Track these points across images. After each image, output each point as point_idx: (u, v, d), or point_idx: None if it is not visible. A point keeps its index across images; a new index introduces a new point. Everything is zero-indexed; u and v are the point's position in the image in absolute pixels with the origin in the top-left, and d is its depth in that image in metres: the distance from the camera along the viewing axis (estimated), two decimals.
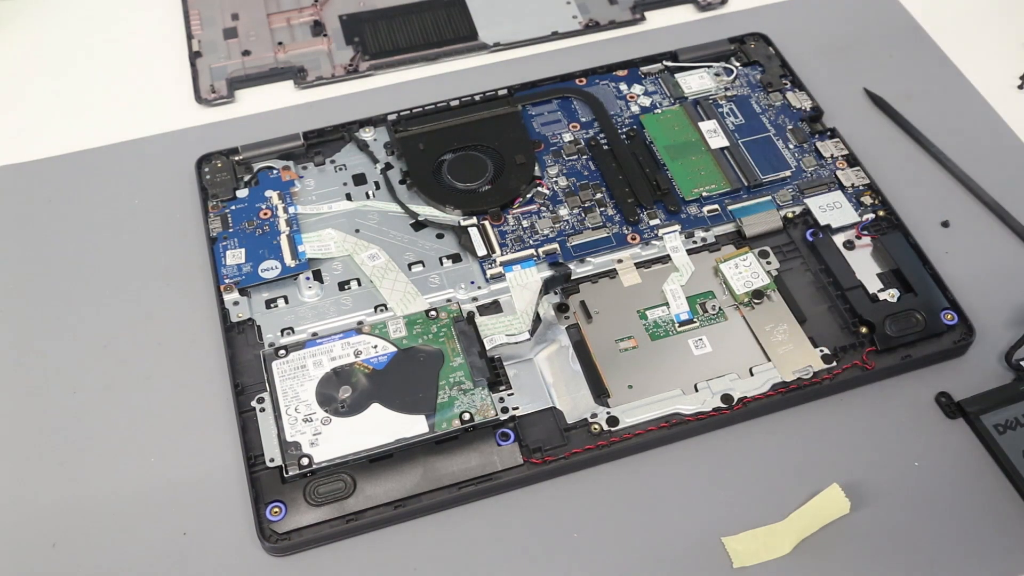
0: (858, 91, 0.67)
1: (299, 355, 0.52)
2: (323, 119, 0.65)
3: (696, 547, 0.47)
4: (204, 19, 0.72)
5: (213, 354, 0.54)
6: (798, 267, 0.57)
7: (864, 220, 0.58)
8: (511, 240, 0.58)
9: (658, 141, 0.62)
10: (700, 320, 0.54)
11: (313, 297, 0.56)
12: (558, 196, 0.60)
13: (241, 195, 0.60)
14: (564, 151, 0.62)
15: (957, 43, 0.69)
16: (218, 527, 0.48)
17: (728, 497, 0.49)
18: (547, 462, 0.49)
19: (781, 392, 0.51)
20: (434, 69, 0.70)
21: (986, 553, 0.47)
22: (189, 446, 0.51)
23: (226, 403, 0.52)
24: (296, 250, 0.57)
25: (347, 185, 0.61)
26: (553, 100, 0.65)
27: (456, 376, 0.51)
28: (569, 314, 0.55)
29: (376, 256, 0.57)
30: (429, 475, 0.49)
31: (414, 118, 0.63)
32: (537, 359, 0.53)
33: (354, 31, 0.71)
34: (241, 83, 0.68)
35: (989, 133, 0.64)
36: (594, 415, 0.51)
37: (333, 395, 0.50)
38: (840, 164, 0.61)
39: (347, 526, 0.47)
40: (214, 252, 0.57)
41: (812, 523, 0.47)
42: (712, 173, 0.60)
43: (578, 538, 0.48)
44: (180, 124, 0.66)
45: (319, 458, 0.48)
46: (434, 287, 0.56)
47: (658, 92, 0.66)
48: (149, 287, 0.57)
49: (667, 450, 0.50)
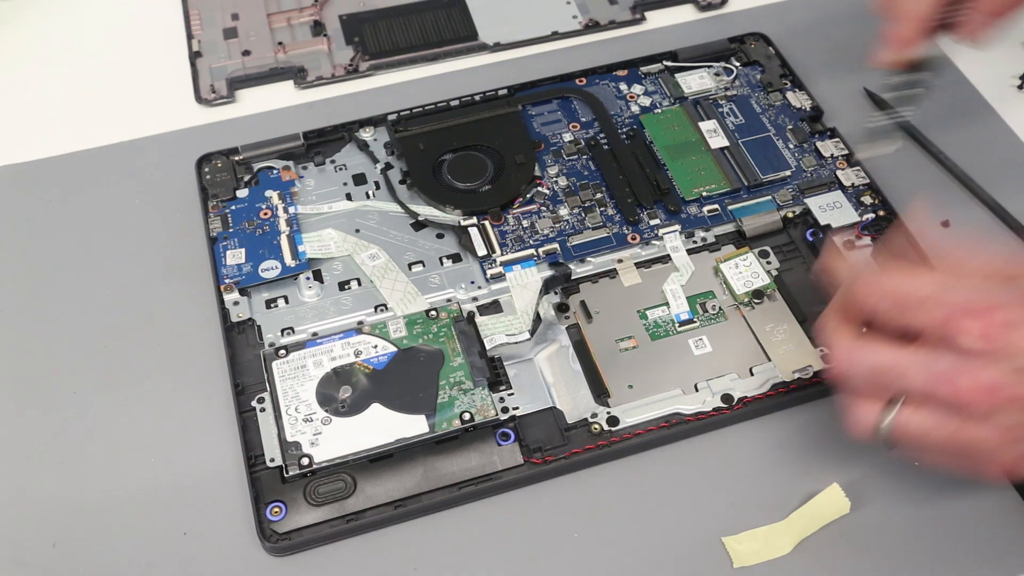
0: (858, 91, 0.67)
1: (299, 355, 0.52)
2: (323, 119, 0.65)
3: (696, 547, 0.47)
4: (204, 19, 0.72)
5: (213, 354, 0.54)
6: (798, 267, 0.57)
7: (864, 220, 0.58)
8: (511, 240, 0.58)
9: (658, 141, 0.62)
10: (700, 320, 0.54)
11: (313, 297, 0.56)
12: (558, 196, 0.60)
13: (241, 195, 0.60)
14: (564, 151, 0.62)
15: (957, 43, 0.69)
16: (218, 527, 0.48)
17: (728, 497, 0.49)
18: (547, 462, 0.49)
19: (781, 392, 0.51)
20: (434, 69, 0.70)
21: (986, 553, 0.47)
22: (189, 446, 0.51)
23: (226, 403, 0.52)
24: (296, 250, 0.57)
25: (347, 185, 0.61)
26: (553, 100, 0.65)
27: (456, 376, 0.51)
28: (569, 314, 0.55)
29: (376, 256, 0.57)
30: (429, 475, 0.49)
31: (414, 118, 0.63)
32: (537, 359, 0.53)
33: (354, 31, 0.71)
34: (241, 83, 0.68)
35: (989, 133, 0.64)
36: (594, 415, 0.51)
37: (333, 395, 0.50)
38: (840, 164, 0.61)
39: (347, 526, 0.47)
40: (214, 252, 0.57)
41: (812, 523, 0.47)
42: (712, 173, 0.60)
43: (578, 538, 0.48)
44: (180, 124, 0.66)
45: (319, 458, 0.48)
46: (434, 287, 0.56)
47: (658, 92, 0.66)
48: (149, 287, 0.57)
49: (667, 450, 0.50)
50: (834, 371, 0.43)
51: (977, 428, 0.39)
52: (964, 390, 0.38)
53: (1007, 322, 0.38)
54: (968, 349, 0.38)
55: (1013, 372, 0.38)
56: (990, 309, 0.38)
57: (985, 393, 0.38)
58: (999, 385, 0.38)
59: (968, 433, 0.39)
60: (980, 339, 0.38)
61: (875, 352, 0.41)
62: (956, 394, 0.39)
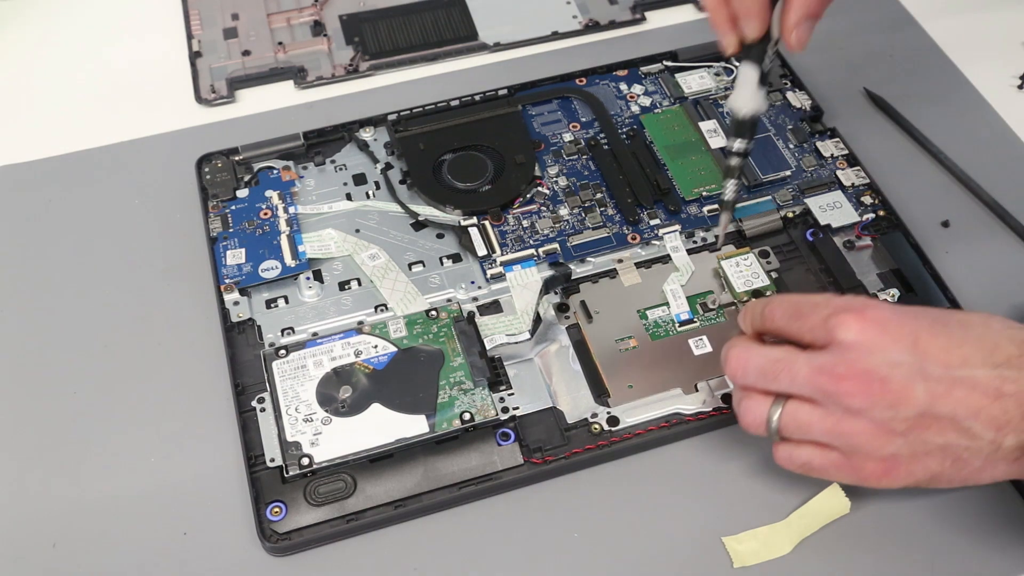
0: (858, 91, 0.67)
1: (299, 355, 0.52)
2: (323, 119, 0.65)
3: (696, 547, 0.47)
4: (204, 19, 0.72)
5: (213, 354, 0.54)
6: (798, 267, 0.57)
7: (864, 220, 0.58)
8: (511, 240, 0.58)
9: (658, 141, 0.62)
10: (700, 320, 0.54)
11: (313, 297, 0.56)
12: (558, 196, 0.60)
13: (241, 195, 0.60)
14: (564, 151, 0.62)
15: (957, 43, 0.69)
16: (218, 527, 0.48)
17: (728, 497, 0.49)
18: (547, 462, 0.49)
19: None
20: (434, 69, 0.70)
21: (986, 553, 0.47)
22: (189, 446, 0.51)
23: (226, 403, 0.52)
24: (296, 250, 0.57)
25: (347, 185, 0.61)
26: (553, 100, 0.65)
27: (456, 376, 0.51)
28: (569, 314, 0.55)
29: (376, 256, 0.57)
30: (429, 475, 0.49)
31: (414, 118, 0.63)
32: (537, 359, 0.53)
33: (354, 31, 0.71)
34: (241, 83, 0.68)
35: (989, 133, 0.64)
36: (594, 415, 0.51)
37: (333, 395, 0.50)
38: (840, 164, 0.61)
39: (347, 526, 0.47)
40: (214, 252, 0.57)
41: (812, 523, 0.47)
42: (712, 173, 0.60)
43: (578, 538, 0.48)
44: (180, 124, 0.66)
45: (319, 458, 0.48)
46: (434, 287, 0.56)
47: (658, 92, 0.66)
48: (149, 287, 0.57)
49: (667, 450, 0.50)
50: (728, 369, 0.46)
51: (854, 421, 0.41)
52: (841, 379, 0.41)
53: (879, 319, 0.41)
54: (844, 341, 0.41)
55: (885, 365, 0.40)
56: (865, 307, 0.41)
57: (859, 382, 0.40)
58: (871, 375, 0.40)
59: (846, 426, 0.42)
60: (855, 331, 0.41)
61: (767, 350, 0.44)
62: (835, 383, 0.41)
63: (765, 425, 0.44)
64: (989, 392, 0.40)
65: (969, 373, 0.40)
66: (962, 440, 0.40)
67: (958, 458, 0.41)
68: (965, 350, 0.40)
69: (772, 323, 0.45)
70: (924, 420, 0.40)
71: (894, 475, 0.42)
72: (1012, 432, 0.40)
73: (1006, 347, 0.40)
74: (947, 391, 0.40)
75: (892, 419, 0.41)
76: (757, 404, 0.44)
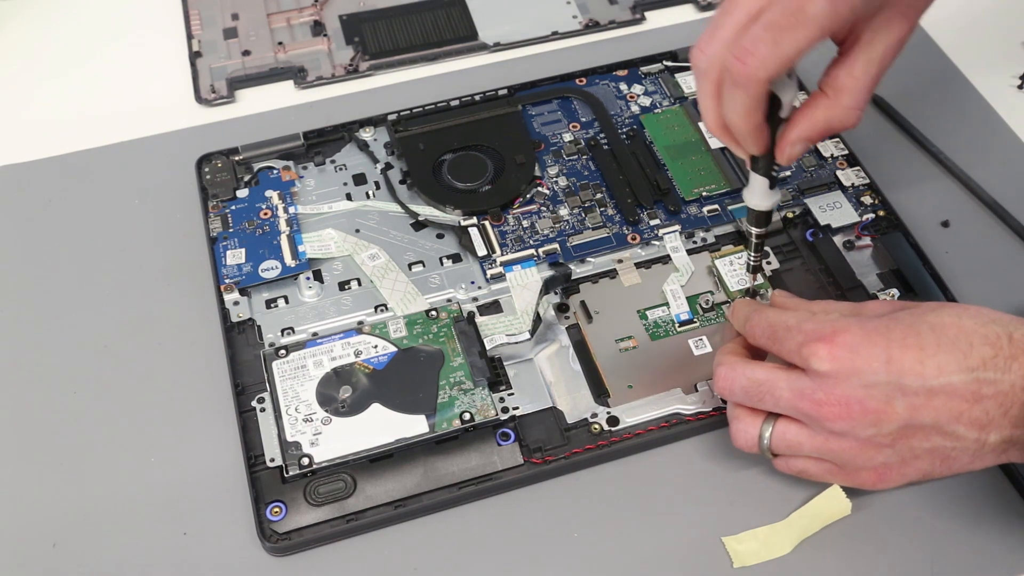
0: None
1: (299, 355, 0.52)
2: (323, 119, 0.65)
3: (696, 547, 0.47)
4: (204, 19, 0.72)
5: (213, 354, 0.54)
6: (798, 267, 0.57)
7: (864, 220, 0.58)
8: (511, 240, 0.58)
9: (658, 141, 0.62)
10: (700, 320, 0.54)
11: (313, 297, 0.56)
12: (558, 196, 0.60)
13: (241, 195, 0.60)
14: (564, 151, 0.62)
15: (957, 43, 0.69)
16: (218, 527, 0.48)
17: (728, 497, 0.49)
18: (547, 462, 0.49)
19: None
20: (434, 69, 0.70)
21: (986, 553, 0.47)
22: (189, 446, 0.51)
23: (226, 403, 0.52)
24: (296, 250, 0.57)
25: (347, 185, 0.61)
26: (553, 100, 0.65)
27: (456, 376, 0.51)
28: (569, 314, 0.55)
29: (376, 256, 0.57)
30: (429, 475, 0.49)
31: (414, 118, 0.63)
32: (537, 359, 0.53)
33: (354, 31, 0.71)
34: (241, 83, 0.68)
35: (989, 133, 0.64)
36: (594, 415, 0.51)
37: (333, 395, 0.50)
38: (840, 164, 0.61)
39: (347, 526, 0.47)
40: (214, 252, 0.57)
41: (812, 523, 0.47)
42: (712, 173, 0.60)
43: (578, 538, 0.48)
44: (180, 124, 0.66)
45: (319, 458, 0.48)
46: (434, 287, 0.56)
47: (658, 92, 0.66)
48: (149, 287, 0.57)
49: (667, 450, 0.50)
50: (715, 387, 0.46)
51: (840, 440, 0.43)
52: (821, 405, 0.42)
53: (849, 345, 0.41)
54: (818, 371, 0.42)
55: (862, 387, 0.41)
56: (835, 333, 0.42)
57: (839, 407, 0.41)
58: (850, 400, 0.41)
59: (833, 444, 0.43)
60: (827, 360, 0.41)
61: (752, 369, 0.45)
62: (816, 408, 0.42)
63: (757, 445, 0.45)
64: (968, 397, 0.40)
65: (946, 381, 0.40)
66: (948, 442, 0.41)
67: (947, 457, 0.42)
68: (939, 359, 0.40)
69: (754, 340, 0.46)
70: (908, 431, 0.41)
71: (888, 479, 0.44)
72: (995, 430, 0.41)
73: (980, 348, 0.40)
74: (926, 402, 0.41)
75: (876, 435, 0.42)
76: (747, 426, 0.46)
